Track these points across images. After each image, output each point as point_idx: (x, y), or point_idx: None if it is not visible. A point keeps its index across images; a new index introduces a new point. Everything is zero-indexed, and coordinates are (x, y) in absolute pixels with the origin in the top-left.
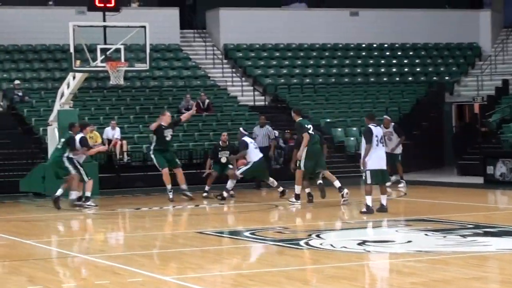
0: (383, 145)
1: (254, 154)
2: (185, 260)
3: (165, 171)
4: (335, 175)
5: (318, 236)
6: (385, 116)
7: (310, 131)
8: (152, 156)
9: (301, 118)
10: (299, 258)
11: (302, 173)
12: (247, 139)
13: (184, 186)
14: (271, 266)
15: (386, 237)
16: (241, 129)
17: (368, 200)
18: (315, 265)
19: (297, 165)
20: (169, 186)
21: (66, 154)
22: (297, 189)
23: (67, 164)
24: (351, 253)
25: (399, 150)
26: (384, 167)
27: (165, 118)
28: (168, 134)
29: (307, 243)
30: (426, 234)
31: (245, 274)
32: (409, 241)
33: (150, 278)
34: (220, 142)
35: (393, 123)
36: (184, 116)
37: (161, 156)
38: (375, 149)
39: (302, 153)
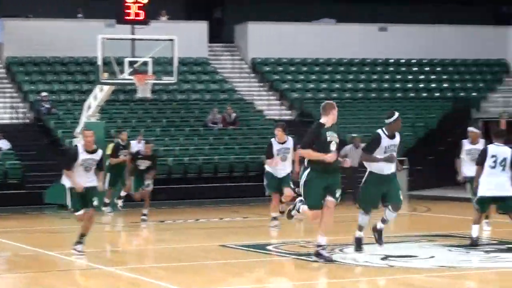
0: (503, 169)
1: None
2: (206, 273)
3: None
4: None
5: (341, 250)
6: (469, 128)
7: None
8: None
9: None
10: (320, 272)
11: None
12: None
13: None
14: (292, 280)
15: (410, 252)
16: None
17: (474, 230)
18: (336, 279)
19: None
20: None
21: None
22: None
23: None
24: (374, 267)
25: None
26: (499, 194)
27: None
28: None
29: None
30: (449, 250)
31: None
32: (432, 257)
33: None
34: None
35: (484, 140)
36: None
37: None
38: (489, 172)
39: None
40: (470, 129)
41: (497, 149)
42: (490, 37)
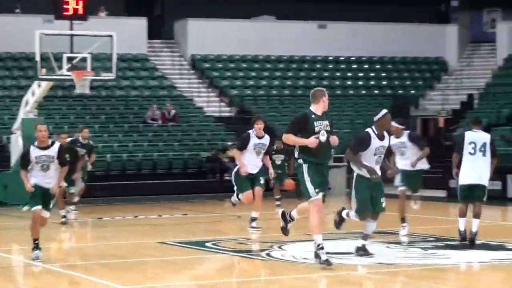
0: (483, 155)
1: None
2: (145, 270)
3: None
4: None
5: (280, 247)
6: (392, 123)
7: None
8: None
9: None
10: (259, 269)
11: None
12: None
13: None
14: (231, 277)
15: (349, 249)
16: None
17: (460, 223)
18: (274, 276)
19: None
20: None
21: None
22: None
23: None
24: (312, 264)
25: (421, 165)
26: (477, 182)
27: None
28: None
29: (268, 254)
30: (387, 247)
31: (205, 284)
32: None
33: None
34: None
35: (407, 131)
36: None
37: None
38: (469, 159)
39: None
40: (391, 123)
41: (475, 135)
42: (428, 35)
